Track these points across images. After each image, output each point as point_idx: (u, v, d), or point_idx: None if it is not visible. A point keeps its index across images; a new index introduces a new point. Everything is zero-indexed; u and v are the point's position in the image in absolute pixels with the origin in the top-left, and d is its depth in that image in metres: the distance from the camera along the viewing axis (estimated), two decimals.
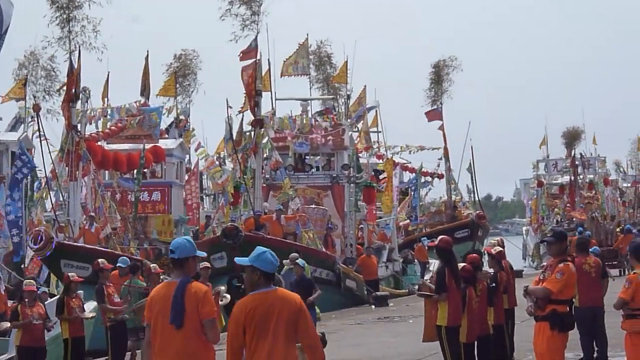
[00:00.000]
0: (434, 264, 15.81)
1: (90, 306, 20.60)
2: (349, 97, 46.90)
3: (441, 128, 57.30)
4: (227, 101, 35.93)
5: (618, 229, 48.69)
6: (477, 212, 54.55)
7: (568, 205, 63.45)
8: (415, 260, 46.94)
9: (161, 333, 9.09)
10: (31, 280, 19.41)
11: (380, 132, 58.92)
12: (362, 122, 49.77)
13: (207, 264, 21.79)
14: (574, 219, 58.03)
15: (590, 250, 16.91)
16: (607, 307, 15.47)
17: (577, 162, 65.81)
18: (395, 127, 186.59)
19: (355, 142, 44.58)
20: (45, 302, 19.46)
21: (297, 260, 22.35)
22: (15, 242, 30.09)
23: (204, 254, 9.83)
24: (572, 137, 72.88)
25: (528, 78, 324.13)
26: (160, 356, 9.10)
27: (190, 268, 9.21)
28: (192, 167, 42.89)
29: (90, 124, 33.26)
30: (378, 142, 58.28)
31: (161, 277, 21.65)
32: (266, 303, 8.58)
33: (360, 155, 46.80)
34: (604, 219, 52.97)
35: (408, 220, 53.75)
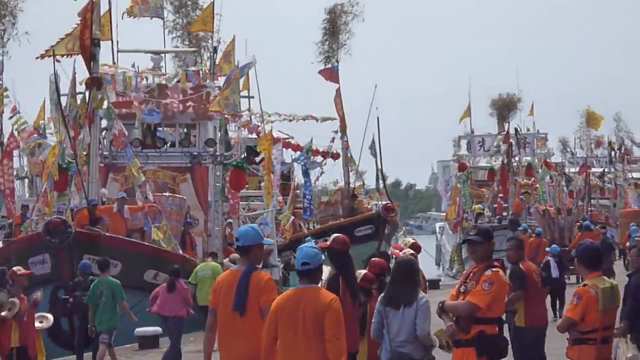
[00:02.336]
0: (325, 270, 15.67)
1: None
2: (215, 50, 46.52)
3: (337, 93, 57.34)
4: (53, 52, 35.25)
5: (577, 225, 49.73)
6: (384, 203, 54.84)
7: (501, 195, 63.89)
8: None
9: (225, 319, 11.98)
10: None
11: (252, 97, 58.25)
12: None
13: (24, 270, 21.37)
14: (511, 214, 58.82)
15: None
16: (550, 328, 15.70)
17: (511, 140, 66.11)
18: (273, 92, 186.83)
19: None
20: None
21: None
22: None
23: (271, 242, 11.53)
24: (504, 107, 73.78)
25: (448, 31, 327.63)
26: (224, 341, 12.00)
27: (256, 256, 12.13)
28: (6, 141, 42.16)
29: None
30: (250, 111, 57.49)
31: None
32: (294, 299, 11.26)
33: (229, 127, 46.51)
34: (558, 213, 53.84)
35: (293, 217, 53.75)
